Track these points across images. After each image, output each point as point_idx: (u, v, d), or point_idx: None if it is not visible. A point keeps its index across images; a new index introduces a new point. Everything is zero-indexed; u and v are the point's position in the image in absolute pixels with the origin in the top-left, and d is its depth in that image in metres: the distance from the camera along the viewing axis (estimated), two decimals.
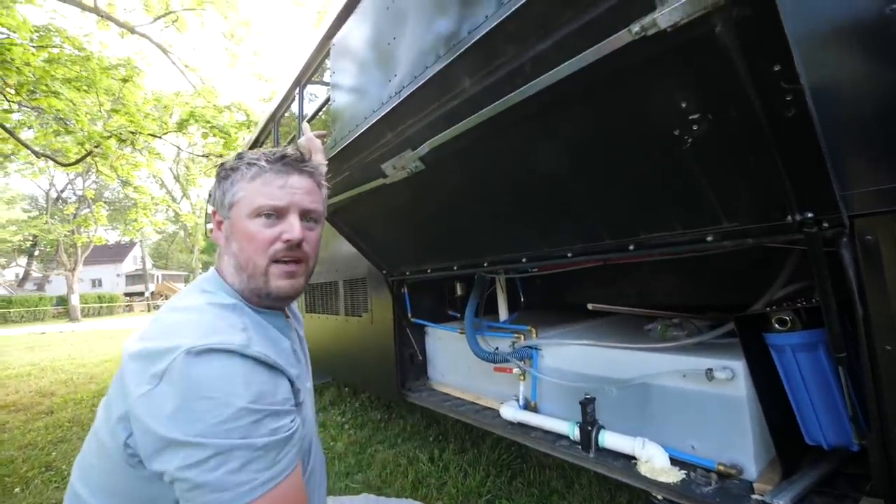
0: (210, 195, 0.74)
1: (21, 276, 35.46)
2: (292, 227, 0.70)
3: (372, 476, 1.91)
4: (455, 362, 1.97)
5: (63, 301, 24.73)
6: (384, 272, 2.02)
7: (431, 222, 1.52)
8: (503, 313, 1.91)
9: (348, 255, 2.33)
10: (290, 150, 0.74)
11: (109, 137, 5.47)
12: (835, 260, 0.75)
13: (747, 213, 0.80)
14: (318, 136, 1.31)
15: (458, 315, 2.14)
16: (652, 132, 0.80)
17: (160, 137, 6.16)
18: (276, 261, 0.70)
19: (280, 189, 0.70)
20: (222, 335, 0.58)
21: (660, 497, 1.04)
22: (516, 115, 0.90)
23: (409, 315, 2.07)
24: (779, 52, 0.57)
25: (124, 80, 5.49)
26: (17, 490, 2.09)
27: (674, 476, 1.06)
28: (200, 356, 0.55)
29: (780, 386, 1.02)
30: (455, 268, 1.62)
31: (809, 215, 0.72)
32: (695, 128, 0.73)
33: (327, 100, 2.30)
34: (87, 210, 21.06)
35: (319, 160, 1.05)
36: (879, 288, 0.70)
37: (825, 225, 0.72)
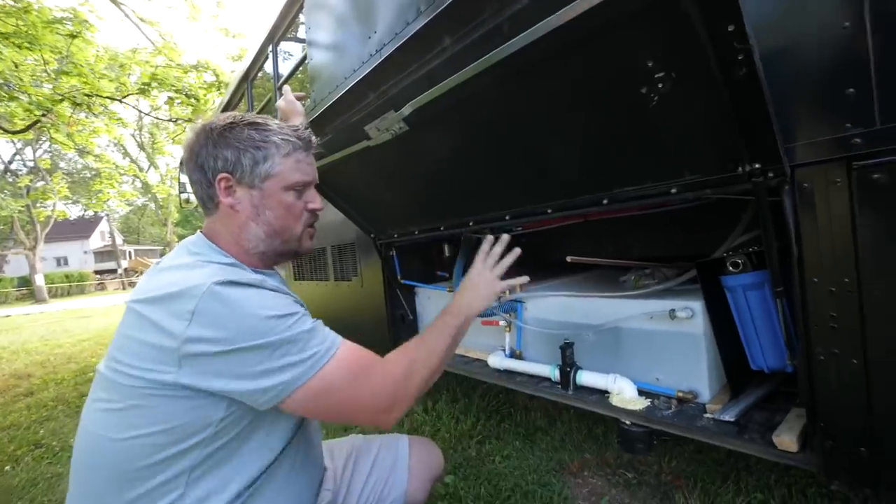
0: (212, 158, 0.74)
1: None
2: (314, 198, 0.84)
3: (368, 430, 2.04)
4: None
5: (25, 282, 23.62)
6: (372, 236, 2.07)
7: (417, 184, 1.57)
8: None
9: (335, 221, 2.35)
10: (307, 132, 0.84)
11: (62, 101, 5.08)
12: (778, 209, 0.86)
13: (706, 165, 0.89)
14: (298, 98, 1.31)
15: (447, 275, 2.23)
16: (622, 91, 0.86)
17: (120, 101, 5.76)
18: (306, 227, 0.84)
19: (309, 166, 0.82)
20: (238, 276, 0.66)
21: (628, 423, 1.20)
22: (497, 75, 0.94)
23: (399, 277, 2.14)
24: (731, 13, 0.64)
25: (72, 36, 5.02)
26: (7, 468, 2.10)
27: (640, 404, 1.21)
28: (227, 286, 0.63)
29: (731, 322, 1.16)
30: (442, 228, 1.68)
31: (757, 166, 0.82)
32: (660, 86, 0.80)
33: (304, 58, 2.23)
34: (43, 182, 19.74)
35: (301, 122, 1.07)
36: (813, 230, 0.81)
37: (770, 175, 0.82)
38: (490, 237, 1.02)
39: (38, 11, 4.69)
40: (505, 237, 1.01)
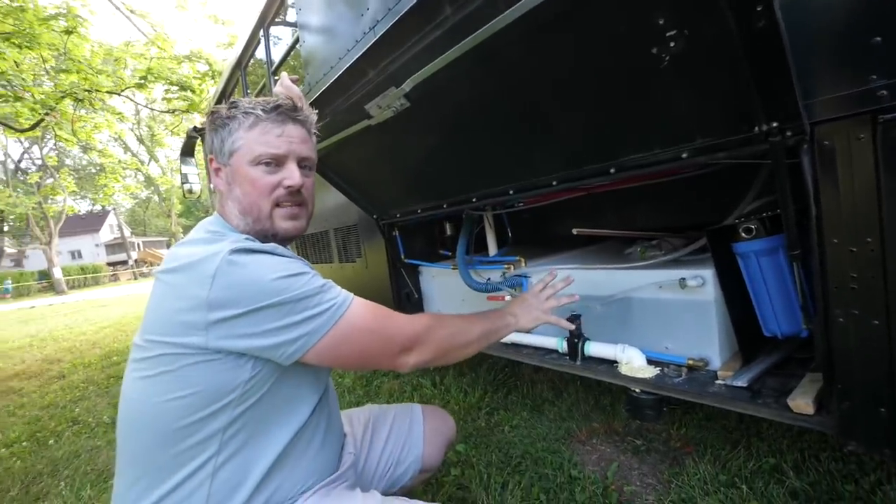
0: (205, 144, 0.79)
1: None
2: (292, 173, 0.77)
3: (381, 402, 2.09)
4: (450, 297, 2.08)
5: (45, 275, 24.25)
6: (375, 216, 2.06)
7: (419, 162, 1.54)
8: (492, 249, 1.99)
9: (337, 204, 2.34)
10: (283, 100, 0.78)
11: (64, 97, 5.07)
12: (795, 171, 0.82)
13: (719, 127, 0.85)
14: (293, 82, 1.28)
15: (450, 253, 2.22)
16: (631, 52, 0.82)
17: (119, 94, 5.72)
18: (278, 205, 0.77)
19: (278, 138, 0.76)
20: (253, 245, 0.69)
21: (637, 391, 1.20)
22: (501, 41, 0.90)
23: (402, 256, 2.14)
24: None
25: (67, 32, 4.97)
26: (51, 442, 2.26)
27: (649, 372, 1.21)
28: (242, 252, 0.65)
29: (743, 289, 1.14)
30: (445, 206, 1.66)
31: (774, 125, 0.78)
32: (672, 45, 0.75)
33: (296, 41, 2.17)
34: (52, 179, 19.97)
35: (301, 106, 1.05)
36: (832, 189, 0.77)
37: (788, 133, 0.78)
38: (554, 271, 1.14)
39: (35, 10, 4.62)
40: (570, 277, 1.11)
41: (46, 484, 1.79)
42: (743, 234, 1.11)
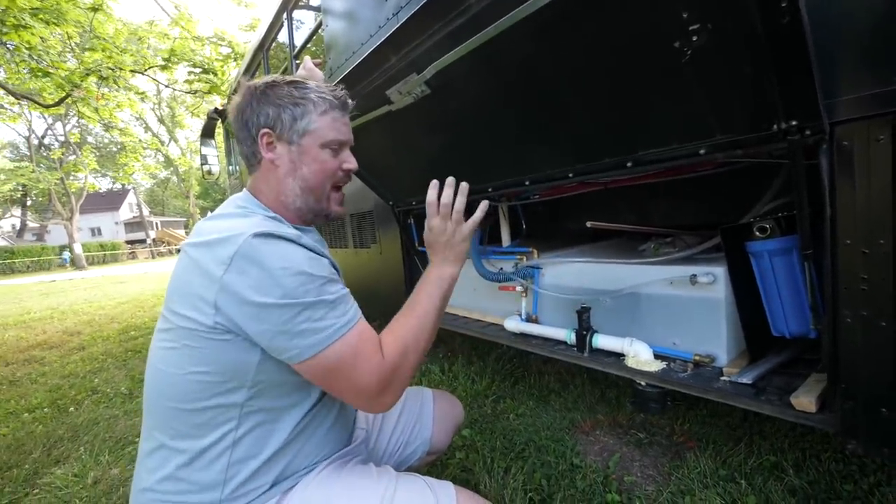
0: (256, 116, 0.77)
1: (18, 226, 35.35)
2: (351, 159, 0.84)
3: None
4: (462, 285, 2.11)
5: (66, 250, 24.96)
6: (391, 203, 2.09)
7: (436, 150, 1.56)
8: (506, 240, 2.01)
9: (354, 189, 2.38)
10: (342, 91, 0.83)
11: (89, 75, 5.18)
12: (812, 171, 0.82)
13: (738, 124, 0.86)
14: (316, 65, 1.30)
15: None
16: (653, 45, 0.83)
17: (143, 73, 5.83)
18: (335, 188, 0.84)
19: (345, 126, 0.83)
20: (277, 229, 0.69)
21: (643, 383, 1.22)
22: (523, 31, 0.92)
23: (416, 244, 2.18)
24: None
25: (94, 9, 5.06)
26: (71, 409, 2.36)
27: (655, 366, 1.23)
28: (265, 238, 0.65)
29: (754, 288, 1.15)
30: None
31: (794, 123, 0.78)
32: (694, 39, 0.76)
33: (318, 25, 2.19)
34: (74, 156, 20.45)
35: None
36: (849, 190, 0.78)
37: (807, 133, 0.78)
38: (434, 182, 0.91)
39: None
40: (450, 180, 0.91)
41: (66, 448, 1.88)
42: (757, 234, 1.11)
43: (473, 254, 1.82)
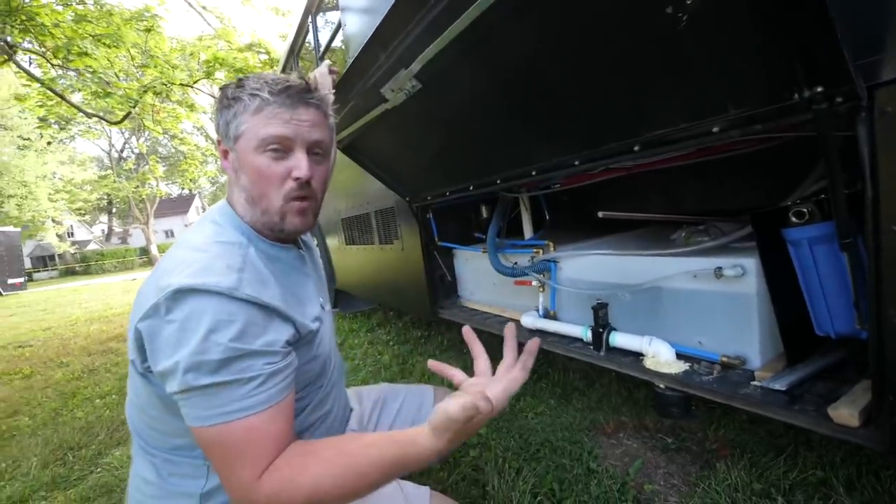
0: (215, 125, 0.74)
1: (106, 231, 40.03)
2: (300, 164, 0.69)
3: (413, 381, 2.16)
4: (481, 280, 2.07)
5: (144, 251, 27.87)
6: (407, 199, 2.08)
7: (438, 144, 1.52)
8: (528, 232, 1.94)
9: (377, 187, 2.39)
10: (294, 79, 0.70)
11: (146, 92, 5.66)
12: (849, 146, 0.69)
13: (753, 96, 0.74)
14: (331, 73, 1.30)
15: (484, 237, 2.19)
16: (643, 15, 0.73)
17: (191, 86, 6.27)
18: (288, 200, 0.71)
19: (285, 124, 0.68)
20: (214, 276, 0.60)
21: (662, 386, 1.12)
22: (500, 14, 0.85)
23: (436, 239, 2.15)
24: None
25: (147, 31, 5.51)
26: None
27: (677, 368, 1.12)
28: (186, 295, 0.58)
29: (793, 281, 1.00)
30: (471, 188, 1.63)
31: (819, 90, 0.66)
32: (687, 1, 0.66)
33: (338, 26, 2.21)
34: (146, 166, 22.70)
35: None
36: (893, 167, 0.65)
37: (838, 100, 0.65)
38: (470, 334, 0.80)
39: (119, 12, 5.16)
40: (509, 329, 0.81)
41: (127, 432, 2.09)
42: (794, 219, 0.97)
43: (490, 247, 1.77)
